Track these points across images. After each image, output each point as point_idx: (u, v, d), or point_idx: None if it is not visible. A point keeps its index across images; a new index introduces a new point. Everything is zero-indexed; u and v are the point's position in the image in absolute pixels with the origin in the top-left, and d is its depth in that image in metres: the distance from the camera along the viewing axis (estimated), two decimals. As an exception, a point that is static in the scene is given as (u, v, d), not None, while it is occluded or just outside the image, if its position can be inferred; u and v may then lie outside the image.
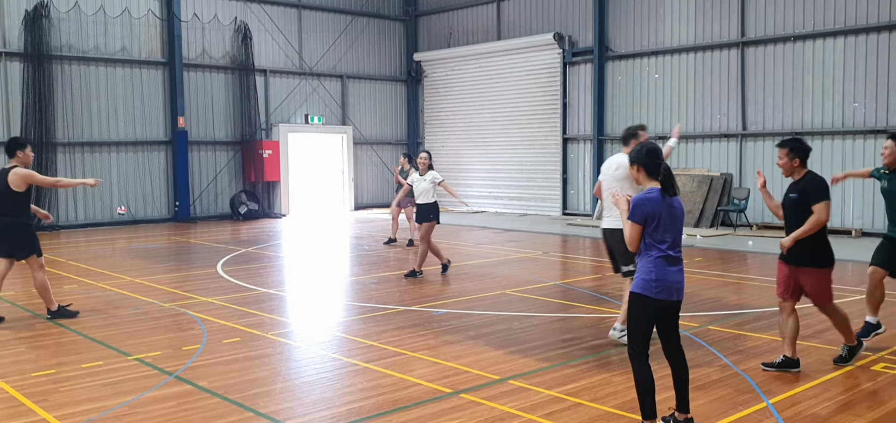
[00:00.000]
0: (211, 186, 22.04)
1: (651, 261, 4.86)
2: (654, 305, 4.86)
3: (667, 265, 4.85)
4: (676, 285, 4.89)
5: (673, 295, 4.89)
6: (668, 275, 4.85)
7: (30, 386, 6.27)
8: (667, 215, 4.85)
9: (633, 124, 8.20)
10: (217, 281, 11.47)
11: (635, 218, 4.86)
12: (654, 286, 4.83)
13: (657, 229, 4.84)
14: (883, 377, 6.36)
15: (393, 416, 5.51)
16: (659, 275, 4.83)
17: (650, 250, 4.87)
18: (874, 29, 16.15)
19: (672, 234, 4.89)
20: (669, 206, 4.88)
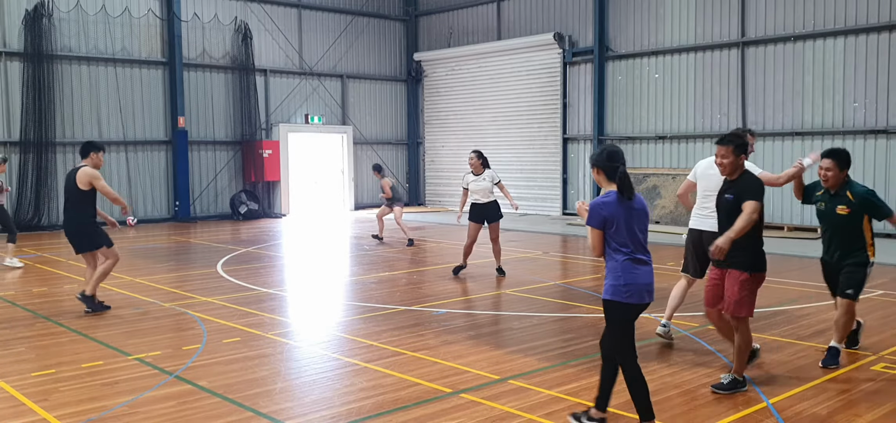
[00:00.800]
0: (211, 186, 22.04)
1: (618, 265, 4.83)
2: (629, 309, 4.86)
3: (634, 268, 4.82)
4: (647, 287, 4.88)
5: (644, 297, 4.87)
6: (638, 277, 4.83)
7: (30, 386, 6.27)
8: (625, 218, 4.82)
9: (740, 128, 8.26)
10: (217, 281, 11.47)
11: (594, 223, 4.85)
12: (625, 291, 4.82)
13: (617, 232, 4.82)
14: (883, 377, 6.36)
15: (393, 416, 5.51)
16: (628, 279, 4.81)
17: (616, 254, 4.84)
18: (874, 29, 16.15)
19: (633, 236, 4.85)
20: (628, 208, 4.84)
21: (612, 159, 4.88)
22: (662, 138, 19.97)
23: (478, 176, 11.45)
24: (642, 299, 4.85)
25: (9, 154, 18.64)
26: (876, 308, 9.20)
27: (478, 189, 11.45)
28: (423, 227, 19.76)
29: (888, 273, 11.84)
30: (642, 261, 4.86)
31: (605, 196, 4.88)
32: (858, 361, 6.82)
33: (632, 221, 4.84)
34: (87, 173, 8.91)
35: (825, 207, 6.68)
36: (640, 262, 4.84)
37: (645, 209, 4.96)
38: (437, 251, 15.41)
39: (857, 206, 6.51)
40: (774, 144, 17.72)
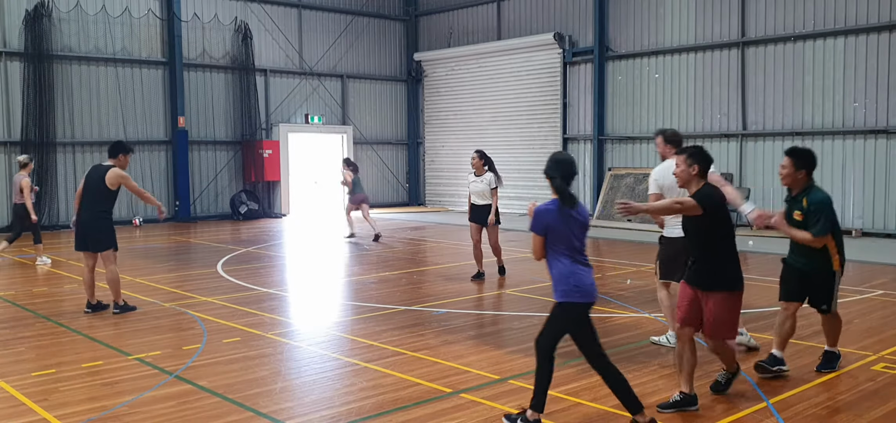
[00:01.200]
0: (211, 186, 22.04)
1: (566, 268, 4.99)
2: (579, 309, 5.03)
3: (581, 269, 5.01)
4: (592, 286, 5.06)
5: (592, 296, 5.05)
6: (584, 278, 5.01)
7: (30, 386, 6.27)
8: (565, 226, 4.97)
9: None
10: (217, 281, 11.47)
11: (536, 229, 5.01)
12: (577, 292, 4.98)
13: (559, 238, 4.98)
14: (883, 377, 6.36)
15: (393, 416, 5.51)
16: (577, 281, 4.99)
17: (562, 257, 5.00)
18: (874, 29, 16.15)
19: (572, 243, 5.01)
20: (567, 216, 4.99)
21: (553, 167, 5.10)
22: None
23: (478, 177, 11.23)
24: (591, 297, 5.04)
25: (9, 154, 18.67)
26: (876, 308, 9.19)
27: (476, 190, 11.24)
28: (424, 227, 19.76)
29: (888, 273, 11.84)
30: (585, 264, 5.06)
31: (549, 203, 5.04)
32: (858, 361, 6.82)
33: (571, 228, 5.00)
34: (119, 174, 8.94)
35: (787, 209, 6.30)
36: (584, 264, 5.05)
37: (585, 221, 5.13)
38: (437, 251, 15.42)
39: (809, 214, 6.06)
40: (775, 143, 17.71)
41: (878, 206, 16.35)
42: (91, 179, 9.01)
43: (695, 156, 5.45)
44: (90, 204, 8.95)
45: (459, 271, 12.26)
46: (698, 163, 5.44)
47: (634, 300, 9.62)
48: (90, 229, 8.97)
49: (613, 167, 20.98)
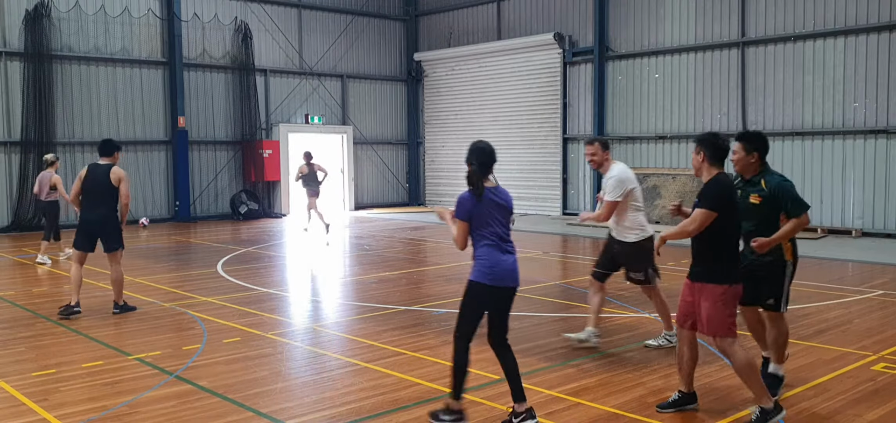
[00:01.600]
0: (211, 186, 22.04)
1: (485, 251, 5.13)
2: (491, 291, 5.12)
3: (500, 254, 5.13)
4: (510, 271, 5.15)
5: (507, 281, 5.14)
6: (501, 262, 5.12)
7: (30, 386, 6.27)
8: (488, 211, 5.12)
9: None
10: (217, 281, 11.47)
11: (460, 215, 5.15)
12: (490, 274, 5.10)
13: (482, 223, 5.13)
14: (883, 377, 6.36)
15: (393, 416, 5.51)
16: (493, 262, 5.10)
17: (483, 242, 5.14)
18: (874, 29, 16.15)
19: (495, 228, 5.13)
20: (491, 202, 5.12)
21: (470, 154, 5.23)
22: (662, 138, 19.98)
23: None
24: (505, 281, 5.13)
25: (9, 154, 18.68)
26: (876, 308, 9.19)
27: None
28: (424, 227, 19.76)
29: (888, 273, 11.84)
30: (507, 250, 5.16)
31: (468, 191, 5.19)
32: (858, 361, 6.82)
33: (494, 213, 5.14)
34: (120, 172, 8.96)
35: (740, 195, 5.84)
36: (505, 251, 5.15)
37: (507, 205, 5.23)
38: (437, 251, 15.42)
39: (769, 196, 5.74)
40: (774, 143, 17.70)
41: (878, 206, 16.35)
42: (97, 177, 8.91)
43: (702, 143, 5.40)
44: (101, 203, 8.89)
45: (459, 272, 12.25)
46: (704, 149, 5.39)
47: (634, 300, 9.62)
48: (107, 227, 8.93)
49: (613, 167, 20.94)
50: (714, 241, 5.21)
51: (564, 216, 21.76)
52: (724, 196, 5.21)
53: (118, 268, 9.02)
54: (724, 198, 5.21)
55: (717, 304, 5.16)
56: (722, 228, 5.19)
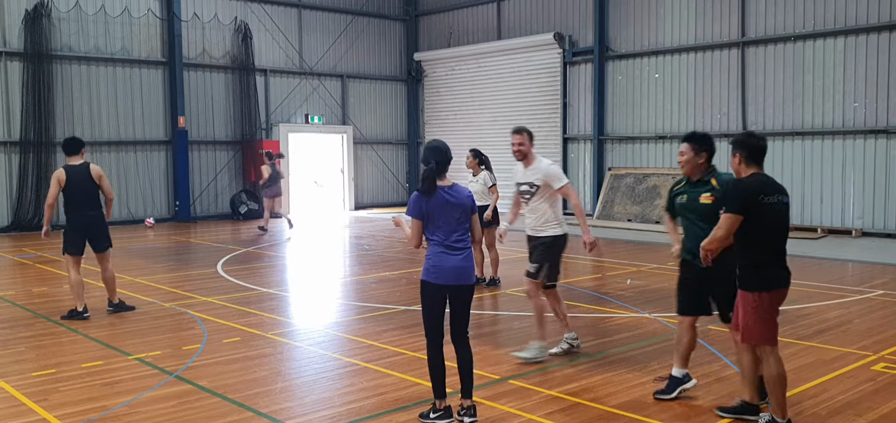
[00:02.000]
0: (211, 186, 22.04)
1: (431, 251, 5.30)
2: (436, 289, 5.26)
3: (443, 254, 5.25)
4: (454, 270, 5.24)
5: (451, 280, 5.24)
6: (444, 262, 5.23)
7: (30, 386, 6.27)
8: (442, 210, 5.24)
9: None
10: (217, 281, 11.47)
11: (413, 214, 5.29)
12: (433, 273, 5.25)
13: (433, 223, 5.26)
14: (883, 377, 6.36)
15: (393, 416, 5.51)
16: (436, 262, 5.25)
17: (429, 242, 5.32)
18: (874, 29, 16.15)
19: (447, 226, 5.26)
20: (444, 202, 5.24)
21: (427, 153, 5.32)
22: (662, 138, 19.97)
23: (474, 178, 10.89)
24: (448, 280, 5.24)
25: (9, 153, 18.68)
26: (876, 308, 9.19)
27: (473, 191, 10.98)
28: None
29: (888, 273, 11.84)
30: (454, 249, 5.26)
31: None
32: (858, 361, 6.82)
33: (447, 212, 5.26)
34: (99, 169, 8.84)
35: (687, 198, 5.79)
36: (452, 249, 5.26)
37: (462, 203, 5.32)
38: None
39: (721, 194, 5.51)
40: (775, 143, 17.70)
41: (878, 206, 16.35)
42: (81, 179, 8.70)
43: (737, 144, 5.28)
44: (89, 204, 8.78)
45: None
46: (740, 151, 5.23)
47: (634, 300, 9.62)
48: (100, 228, 8.88)
49: (613, 167, 20.98)
50: (742, 245, 5.07)
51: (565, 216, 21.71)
52: (748, 198, 5.00)
53: (111, 267, 9.02)
54: (748, 200, 5.00)
55: (748, 311, 5.03)
56: (747, 232, 5.02)
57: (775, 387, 5.05)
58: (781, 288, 5.08)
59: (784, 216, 5.12)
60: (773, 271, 5.04)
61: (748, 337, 5.07)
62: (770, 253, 5.04)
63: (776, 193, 5.07)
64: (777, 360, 5.04)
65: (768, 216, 4.99)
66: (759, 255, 5.02)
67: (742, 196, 5.01)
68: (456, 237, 5.28)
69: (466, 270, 5.29)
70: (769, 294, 5.00)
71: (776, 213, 5.03)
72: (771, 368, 5.03)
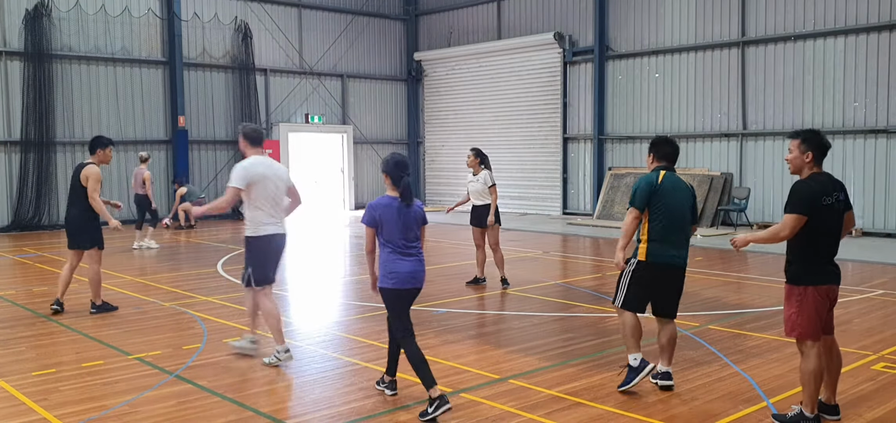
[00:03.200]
0: (211, 186, 22.03)
1: (385, 257, 5.60)
2: (398, 293, 5.61)
3: (398, 259, 5.57)
4: (410, 275, 5.60)
5: (407, 283, 5.60)
6: (400, 267, 5.57)
7: (30, 385, 6.27)
8: (396, 220, 5.55)
9: None
10: (217, 280, 11.47)
11: (366, 221, 5.60)
12: (391, 279, 5.57)
13: (387, 230, 5.56)
14: (883, 377, 6.36)
15: (393, 416, 5.51)
16: (392, 268, 5.56)
17: (383, 248, 5.60)
18: (874, 29, 16.15)
19: (402, 235, 5.57)
20: (401, 212, 5.56)
21: (398, 168, 5.63)
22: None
23: (475, 177, 10.66)
24: (405, 284, 5.59)
25: (9, 153, 18.68)
26: (876, 308, 9.19)
27: (473, 190, 10.62)
28: (423, 226, 19.75)
29: (888, 273, 11.84)
30: (407, 254, 5.59)
31: (382, 199, 5.62)
32: (858, 361, 6.82)
33: (403, 222, 5.57)
34: (91, 173, 8.84)
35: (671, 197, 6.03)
36: (405, 255, 5.59)
37: (420, 216, 5.72)
38: (437, 251, 15.43)
39: None
40: (775, 143, 17.72)
41: (878, 206, 16.35)
42: (73, 178, 9.00)
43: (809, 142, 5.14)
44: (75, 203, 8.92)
45: (459, 271, 12.25)
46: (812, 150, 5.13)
47: (634, 300, 9.60)
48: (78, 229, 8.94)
49: (613, 167, 20.98)
50: (795, 242, 5.13)
51: (565, 216, 21.77)
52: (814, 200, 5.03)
53: (96, 267, 9.00)
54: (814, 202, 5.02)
55: (792, 303, 5.13)
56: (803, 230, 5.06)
57: (809, 381, 5.10)
58: (828, 284, 5.16)
59: (839, 215, 5.20)
60: (820, 267, 5.13)
61: (788, 329, 5.17)
62: (820, 251, 5.13)
63: (834, 192, 5.13)
64: (817, 355, 5.10)
65: (824, 217, 5.08)
66: (811, 253, 5.11)
67: (810, 197, 5.03)
68: (405, 244, 5.59)
69: (419, 273, 5.66)
70: (814, 289, 5.09)
71: (832, 213, 5.11)
72: (809, 362, 5.08)
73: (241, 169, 6.87)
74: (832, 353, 5.33)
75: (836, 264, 5.24)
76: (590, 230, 18.21)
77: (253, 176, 6.84)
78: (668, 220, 5.88)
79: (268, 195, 6.96)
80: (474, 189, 10.64)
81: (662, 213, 5.87)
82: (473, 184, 10.67)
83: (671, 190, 5.91)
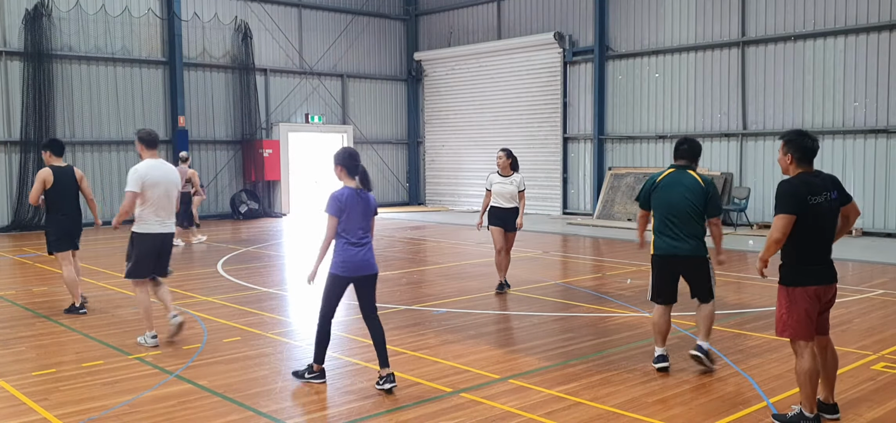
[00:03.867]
0: (211, 186, 22.04)
1: (340, 247, 5.98)
2: (345, 281, 6.04)
3: (352, 249, 5.96)
4: (362, 263, 5.99)
5: (361, 271, 6.01)
6: (353, 256, 5.96)
7: (30, 385, 6.27)
8: (355, 209, 5.92)
9: None
10: (217, 280, 11.47)
11: (331, 211, 5.91)
12: (342, 267, 5.97)
13: (347, 220, 5.91)
14: (883, 377, 6.36)
15: (393, 416, 5.51)
16: (345, 257, 5.97)
17: (338, 238, 5.96)
18: (874, 29, 16.15)
19: (358, 224, 5.95)
20: (360, 201, 5.95)
21: (353, 158, 6.01)
22: (662, 138, 19.97)
23: (505, 178, 9.97)
24: (358, 271, 6.00)
25: (9, 153, 18.68)
26: (876, 308, 9.19)
27: (503, 192, 9.96)
28: (424, 226, 19.76)
29: (888, 273, 11.84)
30: (360, 244, 5.98)
31: (343, 189, 5.94)
32: (858, 360, 6.82)
33: (360, 211, 5.94)
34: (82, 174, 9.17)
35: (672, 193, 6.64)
36: (358, 245, 5.97)
37: (374, 205, 6.09)
38: (437, 251, 15.43)
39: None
40: (775, 143, 17.71)
41: (878, 206, 16.35)
42: (69, 179, 9.04)
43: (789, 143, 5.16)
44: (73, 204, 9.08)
45: (459, 271, 12.25)
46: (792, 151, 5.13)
47: (634, 300, 9.62)
48: (79, 231, 9.20)
49: (613, 167, 20.98)
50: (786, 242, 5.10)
51: (564, 216, 21.77)
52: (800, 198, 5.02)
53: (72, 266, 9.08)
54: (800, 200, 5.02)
55: (781, 303, 5.16)
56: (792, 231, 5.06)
57: (805, 381, 5.10)
58: (817, 285, 5.14)
59: (831, 214, 5.16)
60: (809, 268, 5.12)
61: (781, 330, 5.18)
62: (809, 251, 5.11)
63: (824, 191, 5.10)
64: (811, 355, 5.10)
65: (813, 216, 5.05)
66: (798, 253, 5.10)
67: (794, 196, 5.03)
68: (361, 233, 5.98)
69: (370, 261, 6.06)
70: (802, 290, 5.09)
71: (821, 212, 5.08)
72: (803, 362, 5.08)
73: (134, 173, 7.37)
74: (827, 353, 5.34)
75: (829, 264, 5.23)
76: (590, 230, 18.21)
77: (146, 179, 7.36)
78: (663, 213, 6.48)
79: (159, 197, 7.43)
80: (504, 191, 10.00)
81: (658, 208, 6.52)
82: (503, 186, 10.03)
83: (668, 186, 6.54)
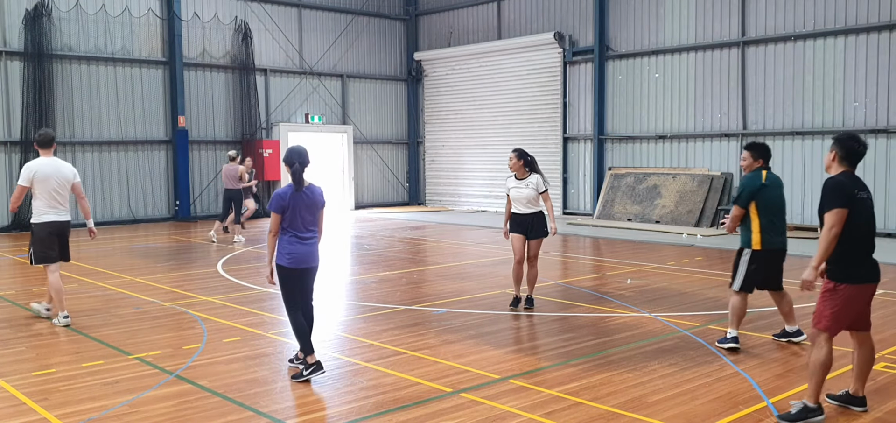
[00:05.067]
0: (211, 186, 22.04)
1: (285, 240, 6.37)
2: (291, 272, 6.41)
3: (296, 242, 6.37)
4: (305, 255, 6.42)
5: (303, 263, 6.42)
6: (298, 249, 6.37)
7: (30, 385, 6.27)
8: (298, 206, 6.30)
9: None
10: (217, 280, 11.47)
11: (273, 208, 6.29)
12: (288, 259, 6.36)
13: (290, 216, 6.30)
14: (883, 377, 6.36)
15: (393, 416, 5.51)
16: (291, 250, 6.36)
17: (284, 233, 6.36)
18: (874, 29, 16.15)
19: (302, 220, 6.35)
20: (302, 198, 6.32)
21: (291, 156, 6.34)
22: (662, 138, 19.98)
23: (520, 181, 9.12)
24: (301, 263, 6.41)
25: (9, 153, 18.68)
26: (876, 308, 9.15)
27: (520, 197, 9.11)
28: (424, 226, 19.76)
29: (888, 273, 11.83)
30: (304, 239, 6.40)
31: (286, 187, 6.33)
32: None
33: (303, 208, 6.34)
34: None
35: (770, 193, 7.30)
36: (302, 239, 6.39)
37: (316, 202, 6.43)
38: (437, 251, 15.42)
39: None
40: (775, 143, 17.71)
41: (879, 206, 16.34)
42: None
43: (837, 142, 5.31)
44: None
45: (459, 271, 12.25)
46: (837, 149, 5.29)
47: (634, 300, 9.62)
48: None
49: (613, 167, 20.99)
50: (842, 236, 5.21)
51: (564, 215, 21.76)
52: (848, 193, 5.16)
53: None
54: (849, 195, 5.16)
55: (824, 295, 5.30)
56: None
57: (816, 372, 5.22)
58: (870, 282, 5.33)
59: (872, 211, 5.36)
60: (859, 265, 5.28)
61: (816, 321, 5.28)
62: (861, 246, 5.26)
63: (866, 190, 5.31)
64: (830, 350, 5.21)
65: (860, 210, 5.20)
66: (849, 249, 5.22)
67: (842, 189, 5.17)
68: (305, 229, 6.38)
69: (314, 254, 6.48)
70: (856, 287, 5.25)
71: (867, 207, 5.25)
72: (819, 353, 5.20)
73: (25, 169, 8.21)
74: (866, 348, 5.47)
75: (874, 260, 5.39)
76: (590, 230, 18.20)
77: (35, 174, 8.13)
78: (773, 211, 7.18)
79: (49, 190, 8.18)
80: (521, 195, 9.10)
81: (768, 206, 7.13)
82: (519, 190, 9.11)
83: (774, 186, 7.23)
